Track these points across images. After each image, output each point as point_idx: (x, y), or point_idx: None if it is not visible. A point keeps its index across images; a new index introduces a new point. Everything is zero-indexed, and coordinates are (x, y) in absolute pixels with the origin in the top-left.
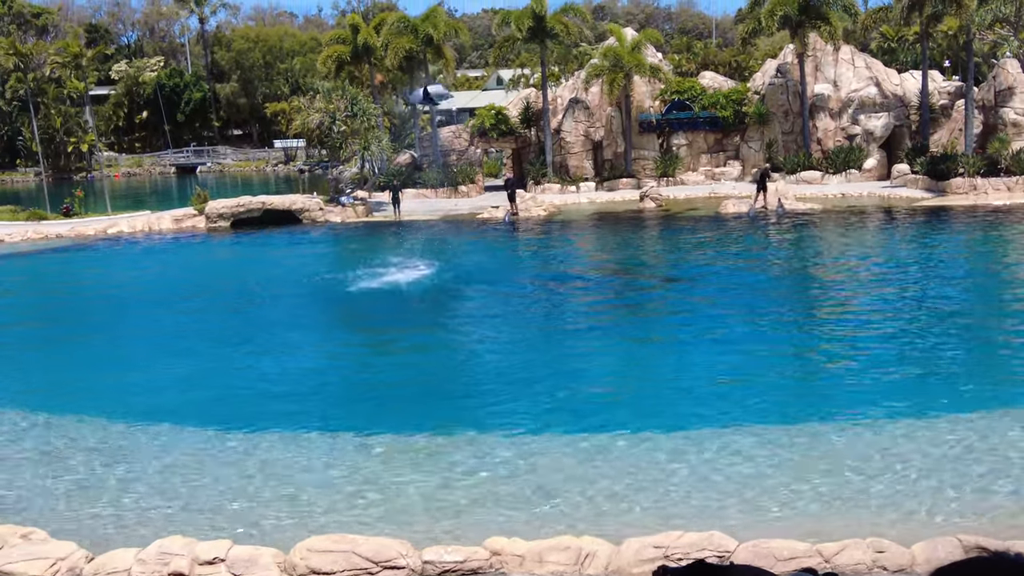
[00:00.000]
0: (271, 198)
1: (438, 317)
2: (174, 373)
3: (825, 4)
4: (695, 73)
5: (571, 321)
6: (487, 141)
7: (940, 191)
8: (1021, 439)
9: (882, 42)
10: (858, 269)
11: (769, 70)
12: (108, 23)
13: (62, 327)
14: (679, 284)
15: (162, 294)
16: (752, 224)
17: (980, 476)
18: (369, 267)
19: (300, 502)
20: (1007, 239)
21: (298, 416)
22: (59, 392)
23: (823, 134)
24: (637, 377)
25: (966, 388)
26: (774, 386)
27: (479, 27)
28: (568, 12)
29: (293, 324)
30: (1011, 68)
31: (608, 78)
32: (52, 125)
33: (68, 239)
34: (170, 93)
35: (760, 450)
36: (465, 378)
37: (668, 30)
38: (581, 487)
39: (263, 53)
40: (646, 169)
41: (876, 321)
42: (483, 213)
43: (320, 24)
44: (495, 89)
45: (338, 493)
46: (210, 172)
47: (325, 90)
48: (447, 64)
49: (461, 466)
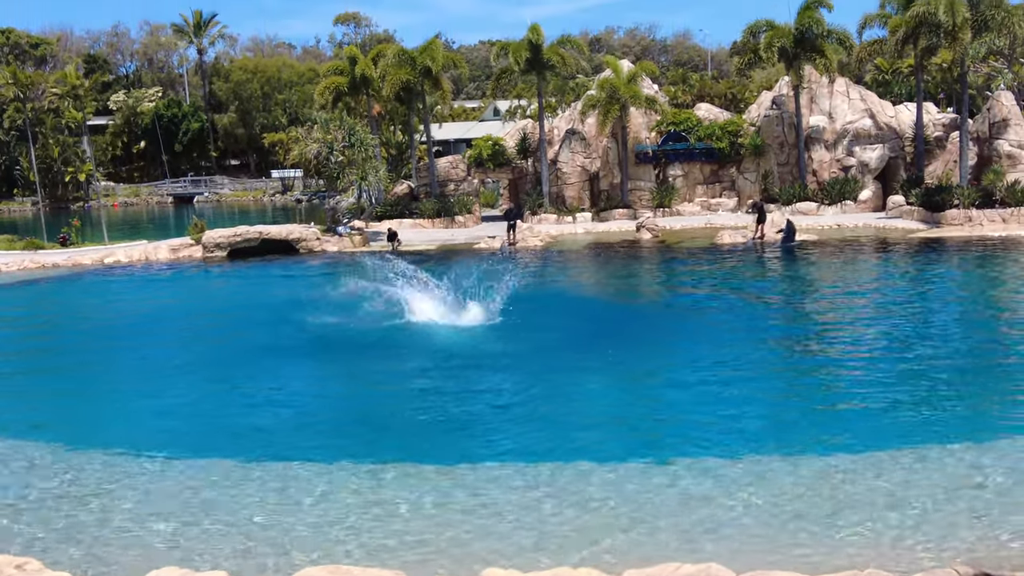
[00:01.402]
0: (268, 228)
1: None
2: (168, 403)
3: (820, 37)
4: (691, 105)
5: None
6: (484, 172)
7: (935, 222)
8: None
9: (877, 74)
10: (856, 300)
11: (764, 102)
12: (107, 54)
13: (50, 357)
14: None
15: (157, 326)
16: (748, 254)
17: (976, 507)
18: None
19: (296, 533)
20: (1006, 271)
21: (283, 447)
22: (45, 421)
23: (819, 165)
24: (635, 406)
25: (960, 419)
26: (763, 416)
27: (476, 59)
28: (565, 44)
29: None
30: (1005, 100)
31: (604, 109)
32: (50, 155)
33: (65, 268)
34: (168, 123)
35: (757, 481)
36: (466, 414)
37: (664, 62)
38: (574, 514)
39: (261, 84)
40: (642, 200)
41: (879, 356)
42: (480, 243)
43: (318, 55)
44: (492, 120)
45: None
46: (207, 202)
47: (323, 120)
48: (444, 95)
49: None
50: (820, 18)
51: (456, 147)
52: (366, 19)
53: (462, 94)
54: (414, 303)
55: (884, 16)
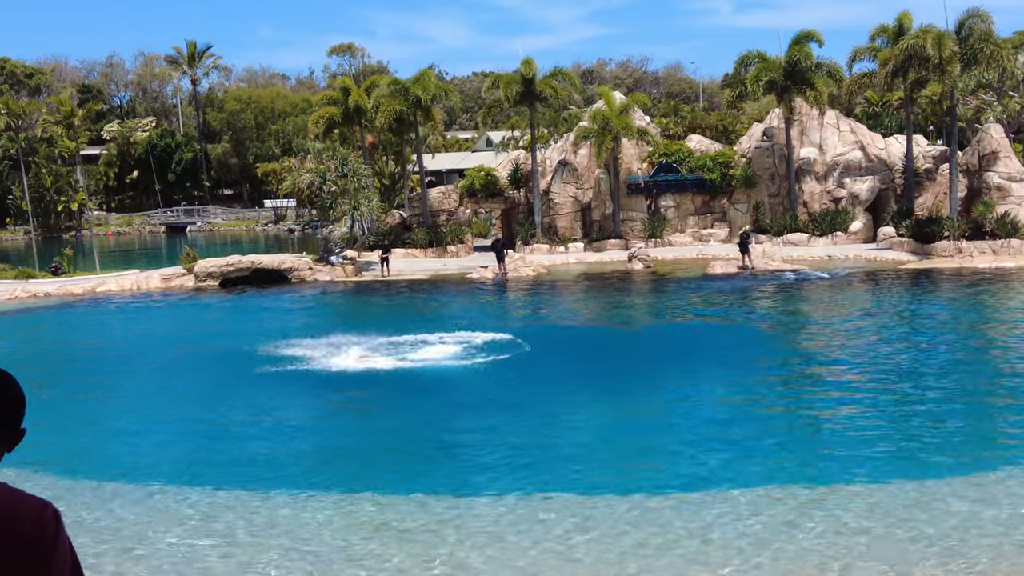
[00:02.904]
0: (260, 257)
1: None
2: (159, 435)
3: (810, 70)
4: (682, 136)
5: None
6: (476, 202)
7: (925, 254)
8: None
9: (867, 107)
10: (847, 331)
11: (755, 134)
12: (101, 84)
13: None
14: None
15: (147, 356)
16: (742, 284)
17: (986, 536)
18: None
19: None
20: (996, 302)
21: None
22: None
23: (809, 197)
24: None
25: (959, 451)
26: (759, 448)
27: (469, 90)
28: (557, 76)
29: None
30: (995, 133)
31: (596, 141)
32: (43, 184)
33: (56, 298)
34: (161, 153)
35: (756, 511)
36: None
37: (656, 94)
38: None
39: (255, 114)
40: (634, 230)
41: (873, 386)
42: (472, 273)
43: (312, 86)
44: (485, 151)
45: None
46: (200, 232)
47: (316, 150)
48: (435, 126)
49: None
50: (810, 52)
51: (449, 177)
52: (360, 50)
53: (455, 125)
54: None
55: (874, 49)
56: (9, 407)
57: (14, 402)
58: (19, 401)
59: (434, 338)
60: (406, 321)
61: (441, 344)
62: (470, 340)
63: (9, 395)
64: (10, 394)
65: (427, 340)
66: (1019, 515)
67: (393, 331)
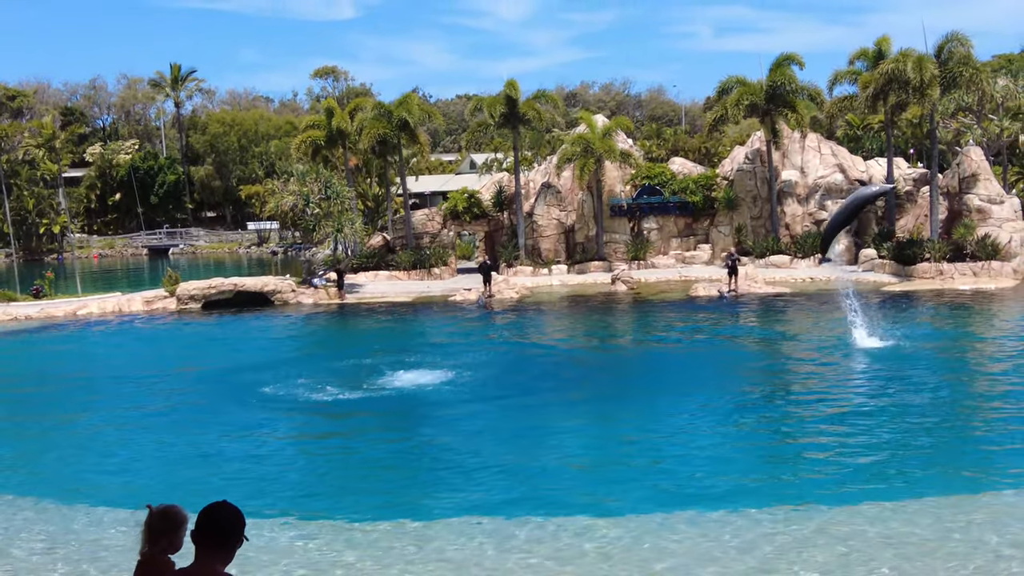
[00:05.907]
0: (243, 280)
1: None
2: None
3: (791, 93)
4: (665, 159)
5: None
6: (460, 224)
7: (907, 275)
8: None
9: (848, 130)
10: (830, 353)
11: (738, 156)
12: (84, 106)
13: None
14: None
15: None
16: (724, 306)
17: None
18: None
19: None
20: (978, 322)
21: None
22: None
23: (791, 219)
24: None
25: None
26: (749, 469)
27: (453, 112)
28: (540, 99)
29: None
30: (975, 155)
31: (580, 163)
32: (24, 207)
33: (37, 321)
34: (144, 175)
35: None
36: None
37: (639, 117)
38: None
39: (238, 137)
40: (617, 252)
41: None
42: (456, 295)
43: (295, 108)
44: (468, 173)
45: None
46: (183, 254)
47: (299, 173)
48: (420, 148)
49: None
50: (792, 75)
51: (432, 200)
52: (344, 73)
53: (439, 147)
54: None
55: (854, 73)
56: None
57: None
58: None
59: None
60: (388, 344)
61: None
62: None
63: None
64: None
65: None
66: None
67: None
